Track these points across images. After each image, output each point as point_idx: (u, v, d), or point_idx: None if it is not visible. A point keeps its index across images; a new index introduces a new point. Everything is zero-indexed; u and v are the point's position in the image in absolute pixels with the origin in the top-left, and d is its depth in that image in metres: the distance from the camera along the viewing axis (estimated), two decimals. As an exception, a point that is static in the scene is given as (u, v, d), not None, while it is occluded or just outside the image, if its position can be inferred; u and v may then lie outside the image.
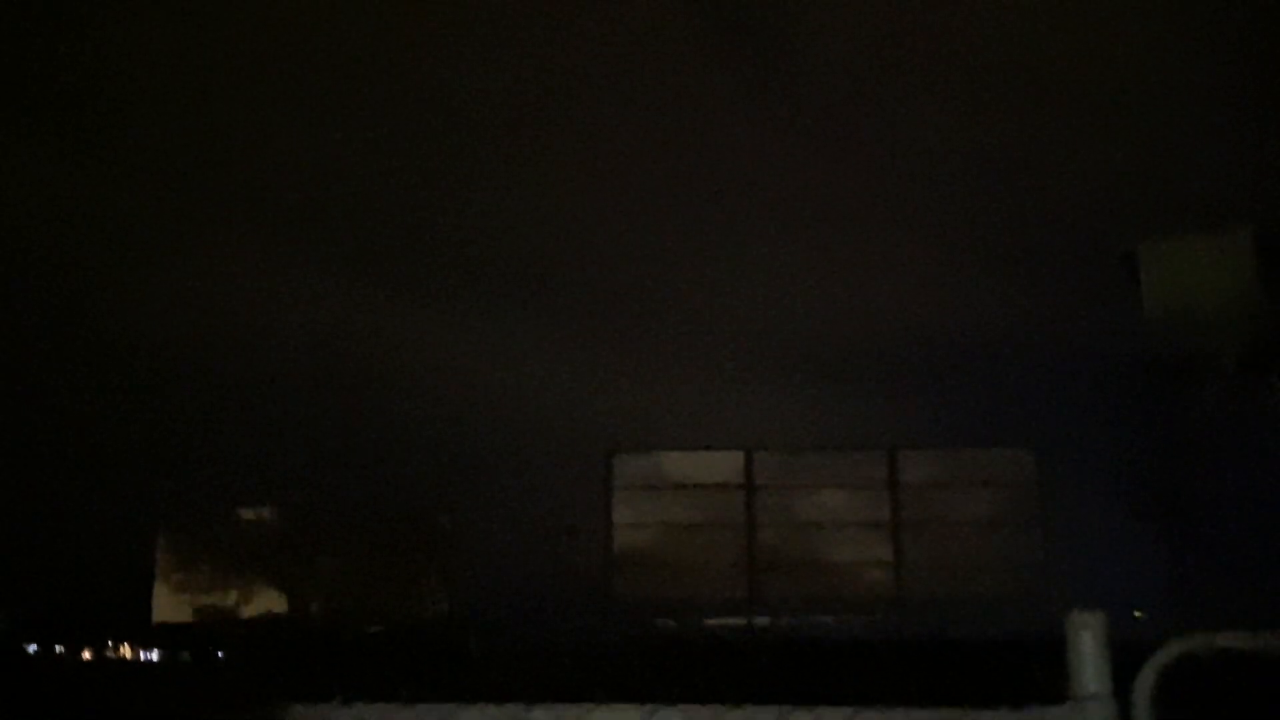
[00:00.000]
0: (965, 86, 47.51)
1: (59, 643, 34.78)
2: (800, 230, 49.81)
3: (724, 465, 31.53)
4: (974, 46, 47.11)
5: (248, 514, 39.47)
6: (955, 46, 47.35)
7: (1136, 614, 24.36)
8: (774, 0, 48.03)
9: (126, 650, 37.61)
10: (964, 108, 48.80)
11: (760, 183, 52.58)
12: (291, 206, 48.58)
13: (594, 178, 50.08)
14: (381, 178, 49.52)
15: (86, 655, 35.73)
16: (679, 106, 51.88)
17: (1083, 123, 47.46)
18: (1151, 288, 28.31)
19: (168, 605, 38.64)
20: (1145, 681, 2.45)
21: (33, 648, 32.85)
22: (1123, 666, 2.55)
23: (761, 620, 30.34)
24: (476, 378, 43.08)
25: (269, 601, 38.78)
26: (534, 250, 47.37)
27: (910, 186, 50.02)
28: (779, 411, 40.80)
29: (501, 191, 51.31)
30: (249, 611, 38.55)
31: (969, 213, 46.56)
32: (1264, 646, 2.43)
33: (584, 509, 32.73)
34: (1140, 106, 44.57)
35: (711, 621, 30.58)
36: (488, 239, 49.95)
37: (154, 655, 36.67)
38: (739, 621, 30.29)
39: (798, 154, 52.86)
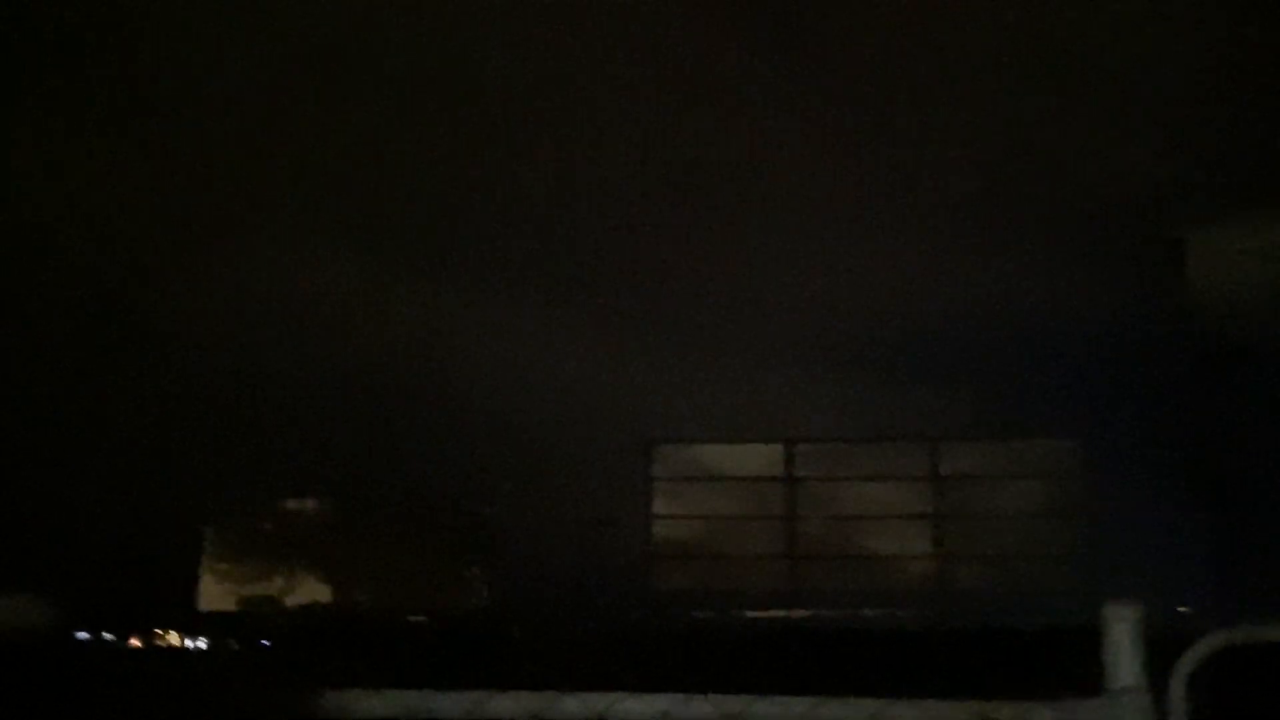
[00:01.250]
0: (1002, 68, 47.03)
1: (108, 631, 35.38)
2: (841, 220, 49.56)
3: (764, 457, 31.49)
4: (1014, 30, 46.59)
5: (292, 505, 39.94)
6: (993, 31, 46.87)
7: (1181, 609, 24.06)
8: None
9: (174, 638, 38.20)
10: (1003, 90, 48.34)
11: (800, 172, 52.38)
12: (336, 200, 49.01)
13: (633, 169, 50.12)
14: (421, 169, 49.82)
15: (135, 643, 36.32)
16: (715, 94, 51.80)
17: (1127, 106, 46.82)
18: (1199, 275, 27.89)
19: (214, 595, 39.18)
20: (1181, 675, 2.42)
21: (83, 635, 33.41)
22: (1166, 659, 2.52)
23: (802, 613, 30.28)
24: (518, 370, 43.26)
25: (313, 591, 39.21)
26: (574, 244, 47.49)
27: (951, 174, 49.59)
28: (819, 403, 40.62)
29: (541, 184, 51.45)
30: (293, 601, 39.00)
31: (1012, 202, 46.12)
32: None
33: (624, 501, 32.81)
34: (1182, 87, 43.87)
35: (751, 614, 30.56)
36: (529, 233, 50.14)
37: (201, 643, 37.21)
38: (779, 614, 30.25)
39: (838, 142, 52.61)
